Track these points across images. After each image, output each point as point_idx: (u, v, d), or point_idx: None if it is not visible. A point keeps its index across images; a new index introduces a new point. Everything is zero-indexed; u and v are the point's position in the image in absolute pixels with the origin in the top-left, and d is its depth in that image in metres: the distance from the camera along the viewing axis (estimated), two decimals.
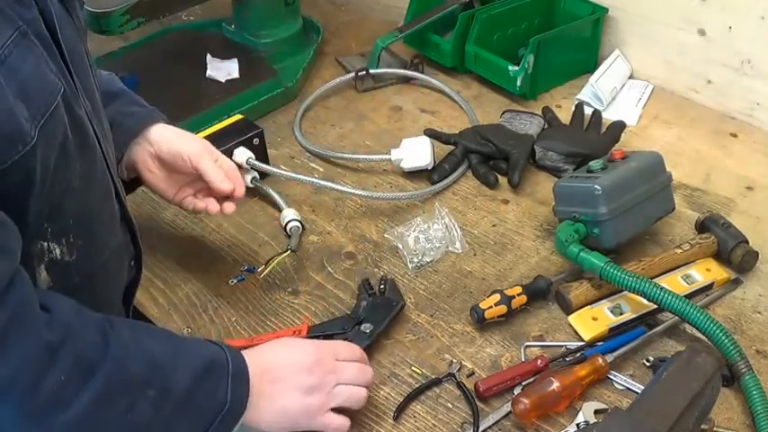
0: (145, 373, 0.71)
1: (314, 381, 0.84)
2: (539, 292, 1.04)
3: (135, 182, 1.06)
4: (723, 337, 0.92)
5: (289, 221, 1.16)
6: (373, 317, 1.01)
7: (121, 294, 0.95)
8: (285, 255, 1.09)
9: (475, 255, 1.14)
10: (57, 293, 0.71)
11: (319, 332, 1.00)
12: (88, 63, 0.85)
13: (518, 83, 1.41)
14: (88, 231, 0.82)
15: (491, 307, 1.01)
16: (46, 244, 0.77)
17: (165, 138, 1.01)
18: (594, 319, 1.02)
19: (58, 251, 0.78)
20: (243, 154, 1.20)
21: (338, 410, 0.87)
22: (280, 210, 1.19)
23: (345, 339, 0.98)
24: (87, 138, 0.80)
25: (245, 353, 0.82)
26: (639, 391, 0.92)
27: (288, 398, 0.83)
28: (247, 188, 1.11)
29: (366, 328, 0.99)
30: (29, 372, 0.64)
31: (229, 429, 0.78)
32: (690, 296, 1.03)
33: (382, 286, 1.06)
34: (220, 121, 1.27)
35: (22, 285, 0.66)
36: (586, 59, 1.53)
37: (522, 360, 0.98)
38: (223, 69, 1.46)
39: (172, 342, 0.76)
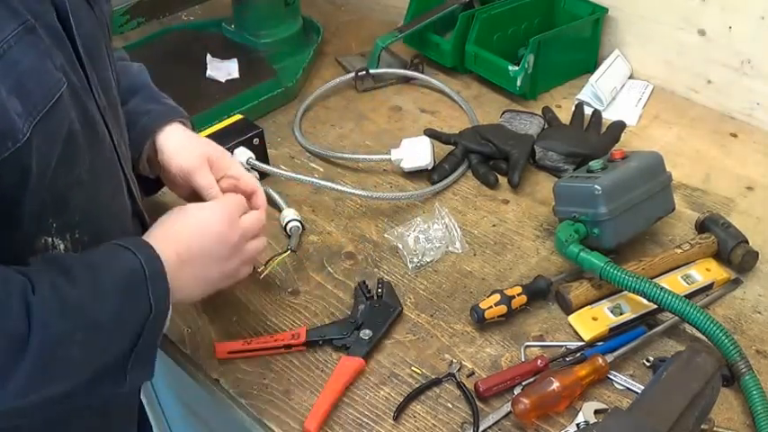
0: (69, 323, 0.71)
1: (228, 248, 0.87)
2: (539, 292, 1.05)
3: (159, 184, 1.05)
4: (723, 337, 0.92)
5: (289, 221, 1.16)
6: (372, 322, 1.01)
7: None
8: (285, 255, 1.09)
9: (475, 255, 1.14)
10: None
11: (318, 336, 1.00)
12: (108, 57, 0.84)
13: (518, 83, 1.41)
14: (96, 227, 0.81)
15: (491, 307, 1.01)
16: (50, 239, 0.76)
17: (168, 147, 0.98)
18: (594, 319, 1.02)
19: (62, 247, 0.78)
20: (243, 154, 1.20)
21: None
22: (280, 210, 1.19)
23: (344, 345, 0.99)
24: (98, 132, 0.80)
25: (155, 238, 0.81)
26: (639, 391, 0.92)
27: (207, 270, 0.86)
28: None
29: (365, 334, 1.00)
30: None
31: (159, 331, 0.78)
32: (690, 296, 1.03)
33: (379, 290, 1.06)
34: (220, 121, 1.27)
35: None
36: (586, 59, 1.53)
37: (522, 360, 0.98)
38: (223, 69, 1.46)
39: (90, 275, 0.74)
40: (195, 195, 0.98)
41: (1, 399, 0.68)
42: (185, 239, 0.84)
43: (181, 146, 0.98)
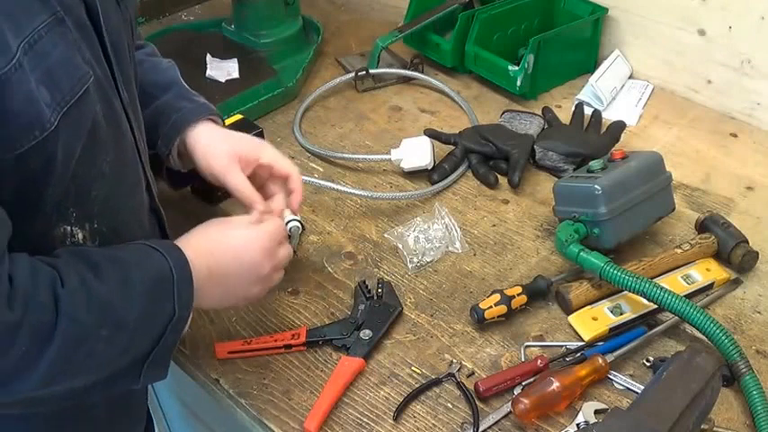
0: (96, 317, 0.72)
1: (259, 277, 0.89)
2: (539, 292, 1.04)
3: (187, 178, 1.06)
4: (723, 337, 0.92)
5: (289, 221, 1.16)
6: (372, 322, 1.01)
7: None
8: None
9: (475, 255, 1.14)
10: (17, 254, 0.70)
11: (318, 336, 1.00)
12: (130, 54, 0.86)
13: (518, 83, 1.41)
14: (114, 219, 0.83)
15: (491, 307, 1.01)
16: (69, 228, 0.78)
17: (198, 148, 0.99)
18: (594, 319, 1.02)
19: (80, 236, 0.79)
20: None
21: None
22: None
23: (344, 346, 0.99)
24: (120, 126, 0.81)
25: (189, 245, 0.82)
26: (639, 391, 0.92)
27: (232, 290, 0.88)
28: None
29: (365, 334, 1.00)
30: None
31: (179, 334, 0.80)
32: (690, 296, 1.03)
33: (380, 290, 1.06)
34: None
35: None
36: (586, 59, 1.53)
37: (522, 360, 0.98)
38: (223, 69, 1.46)
39: (119, 273, 0.75)
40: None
41: (23, 387, 0.69)
42: (220, 257, 0.85)
43: (210, 146, 0.98)
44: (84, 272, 0.73)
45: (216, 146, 0.98)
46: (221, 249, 0.86)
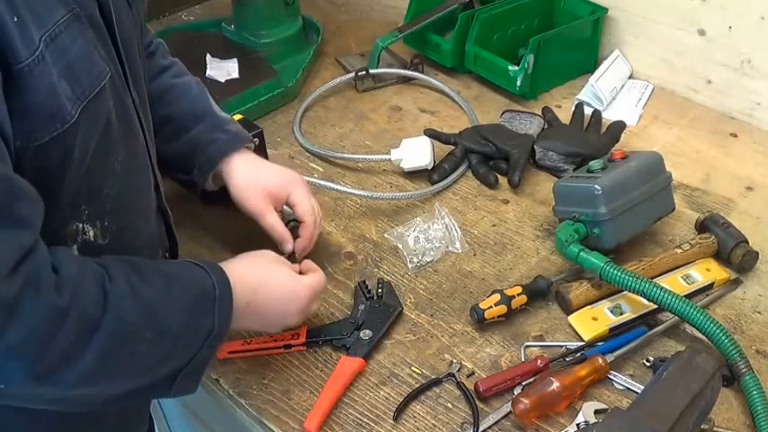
0: (142, 319, 0.73)
1: (294, 318, 0.92)
2: (539, 292, 1.04)
3: (215, 195, 1.10)
4: (723, 337, 0.92)
5: (289, 221, 1.16)
6: (372, 322, 1.02)
7: None
8: (286, 255, 1.09)
9: (475, 255, 1.14)
10: (61, 248, 0.72)
11: (318, 336, 1.00)
12: (139, 54, 0.87)
13: (518, 83, 1.41)
14: (123, 217, 0.84)
15: (491, 307, 1.01)
16: (81, 225, 0.79)
17: (235, 184, 1.04)
18: (594, 319, 1.02)
19: (91, 233, 0.80)
20: None
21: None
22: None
23: (344, 346, 0.99)
24: (132, 126, 0.83)
25: (233, 273, 0.84)
26: (639, 391, 0.92)
27: (265, 323, 0.92)
28: None
29: (365, 334, 1.00)
30: (40, 336, 0.66)
31: (215, 350, 0.81)
32: (690, 296, 1.03)
33: (380, 290, 1.06)
34: None
35: (38, 254, 0.67)
36: (586, 59, 1.53)
37: (522, 360, 0.98)
38: (223, 69, 1.46)
39: (163, 281, 0.77)
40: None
41: (67, 378, 0.69)
42: (260, 297, 0.88)
43: (246, 186, 1.04)
44: (131, 274, 0.75)
45: (250, 187, 1.04)
46: (263, 291, 0.88)
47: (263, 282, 0.89)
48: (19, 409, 0.78)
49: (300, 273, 0.95)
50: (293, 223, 1.15)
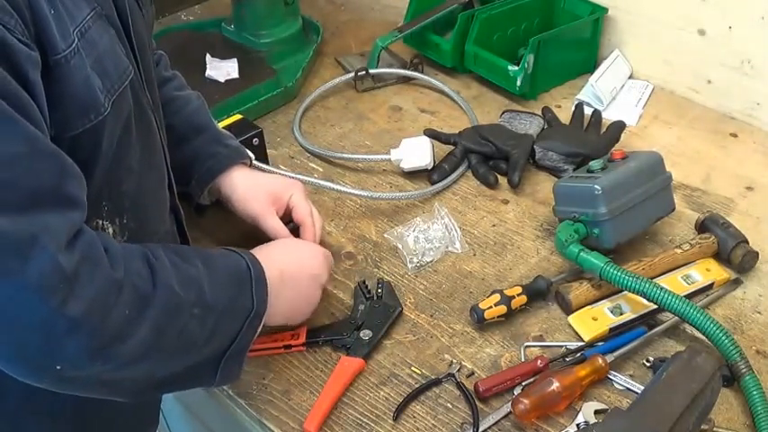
0: (191, 295, 0.76)
1: (316, 282, 0.96)
2: (539, 292, 1.04)
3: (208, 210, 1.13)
4: (723, 337, 0.92)
5: (290, 221, 1.16)
6: (372, 322, 1.01)
7: None
8: None
9: (475, 255, 1.14)
10: (101, 232, 0.76)
11: (318, 336, 1.00)
12: (150, 57, 0.89)
13: (518, 83, 1.40)
14: (141, 215, 0.86)
15: (491, 307, 1.01)
16: (101, 222, 0.80)
17: (236, 192, 1.06)
18: (594, 319, 1.02)
19: (110, 230, 0.81)
20: None
21: None
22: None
23: (344, 346, 0.99)
24: (150, 125, 0.85)
25: (260, 257, 0.87)
26: (639, 391, 0.92)
27: (298, 295, 0.94)
28: None
29: (365, 335, 1.00)
30: (99, 308, 0.67)
31: (255, 330, 0.84)
32: (690, 296, 1.03)
33: (379, 290, 1.06)
34: (220, 121, 1.26)
35: (88, 231, 0.70)
36: (586, 59, 1.53)
37: (522, 360, 0.98)
38: (222, 69, 1.46)
39: (202, 261, 0.81)
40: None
41: (121, 352, 0.70)
42: (287, 265, 0.92)
43: (248, 191, 1.06)
44: (172, 254, 0.78)
45: (253, 190, 1.06)
46: (287, 259, 0.94)
47: (284, 252, 0.95)
48: (35, 411, 0.79)
49: None
50: (292, 224, 1.15)
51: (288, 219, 1.08)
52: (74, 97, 0.70)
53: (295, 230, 1.06)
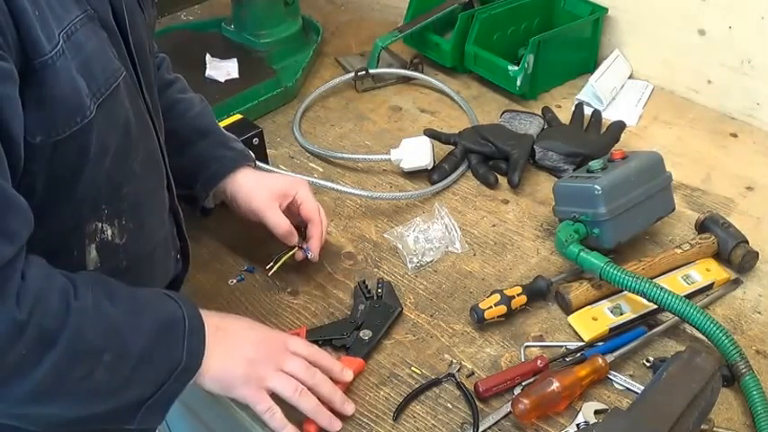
0: (102, 340, 0.72)
1: (257, 355, 0.86)
2: (539, 293, 1.04)
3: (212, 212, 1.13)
4: (723, 337, 0.92)
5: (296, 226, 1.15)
6: (372, 322, 1.01)
7: (165, 286, 0.97)
8: (293, 251, 1.09)
9: (475, 255, 1.14)
10: (35, 257, 0.71)
11: (318, 336, 1.00)
12: (150, 59, 0.89)
13: (518, 83, 1.40)
14: (140, 217, 0.85)
15: (491, 307, 1.01)
16: (100, 224, 0.80)
17: (241, 192, 1.06)
18: (594, 319, 1.02)
19: (109, 232, 0.81)
20: None
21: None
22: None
23: (344, 346, 0.99)
24: (148, 127, 0.85)
25: (202, 313, 0.83)
26: (639, 391, 0.92)
27: (233, 361, 0.84)
28: None
29: (365, 334, 1.00)
30: None
31: (184, 385, 0.79)
32: (690, 296, 1.03)
33: (379, 290, 1.06)
34: (220, 121, 1.26)
35: (14, 263, 0.66)
36: (586, 59, 1.53)
37: (522, 360, 0.98)
38: (222, 69, 1.46)
39: (130, 303, 0.76)
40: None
41: (15, 392, 0.68)
42: (226, 327, 0.86)
43: (252, 188, 1.06)
44: (100, 294, 0.74)
45: (257, 188, 1.06)
46: (232, 323, 0.88)
47: (248, 322, 0.91)
48: (12, 418, 0.78)
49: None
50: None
51: (294, 223, 1.08)
52: (60, 100, 0.69)
53: (297, 228, 1.06)
